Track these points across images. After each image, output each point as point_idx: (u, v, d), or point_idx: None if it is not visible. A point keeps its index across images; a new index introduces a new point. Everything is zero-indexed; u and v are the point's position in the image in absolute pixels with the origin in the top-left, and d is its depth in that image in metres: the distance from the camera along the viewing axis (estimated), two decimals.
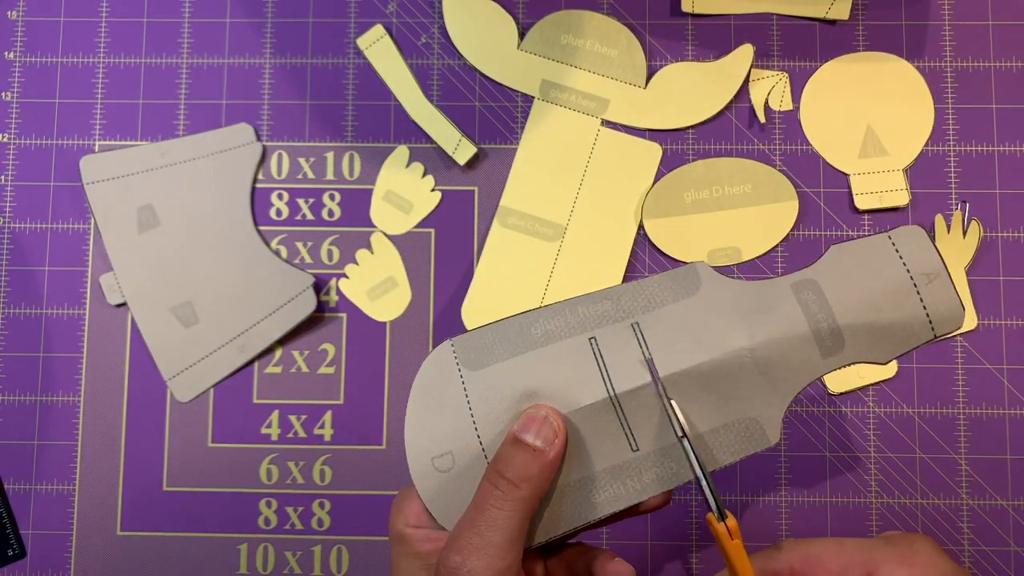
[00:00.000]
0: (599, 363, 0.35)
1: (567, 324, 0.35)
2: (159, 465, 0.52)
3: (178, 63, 0.54)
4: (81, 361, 0.52)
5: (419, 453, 0.35)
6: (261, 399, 0.52)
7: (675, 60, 0.53)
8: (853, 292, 0.35)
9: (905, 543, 0.34)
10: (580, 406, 0.35)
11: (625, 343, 0.35)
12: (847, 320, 0.34)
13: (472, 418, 0.35)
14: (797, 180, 0.52)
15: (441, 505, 0.35)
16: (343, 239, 0.53)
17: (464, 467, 0.35)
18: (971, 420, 0.50)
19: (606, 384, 0.35)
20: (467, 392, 0.35)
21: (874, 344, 0.35)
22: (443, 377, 0.35)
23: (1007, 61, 0.53)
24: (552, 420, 0.34)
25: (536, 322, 0.36)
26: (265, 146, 0.54)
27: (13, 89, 0.54)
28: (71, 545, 0.51)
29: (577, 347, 0.35)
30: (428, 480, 0.35)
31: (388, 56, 0.54)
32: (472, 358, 0.35)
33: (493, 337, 0.35)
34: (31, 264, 0.53)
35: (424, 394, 0.35)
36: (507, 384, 0.35)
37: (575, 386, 0.35)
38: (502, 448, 0.34)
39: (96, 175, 0.53)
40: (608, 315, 0.35)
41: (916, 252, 0.34)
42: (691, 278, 0.36)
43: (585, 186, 0.52)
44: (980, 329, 0.51)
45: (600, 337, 0.35)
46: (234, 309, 0.52)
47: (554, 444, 0.33)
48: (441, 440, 0.35)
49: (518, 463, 0.33)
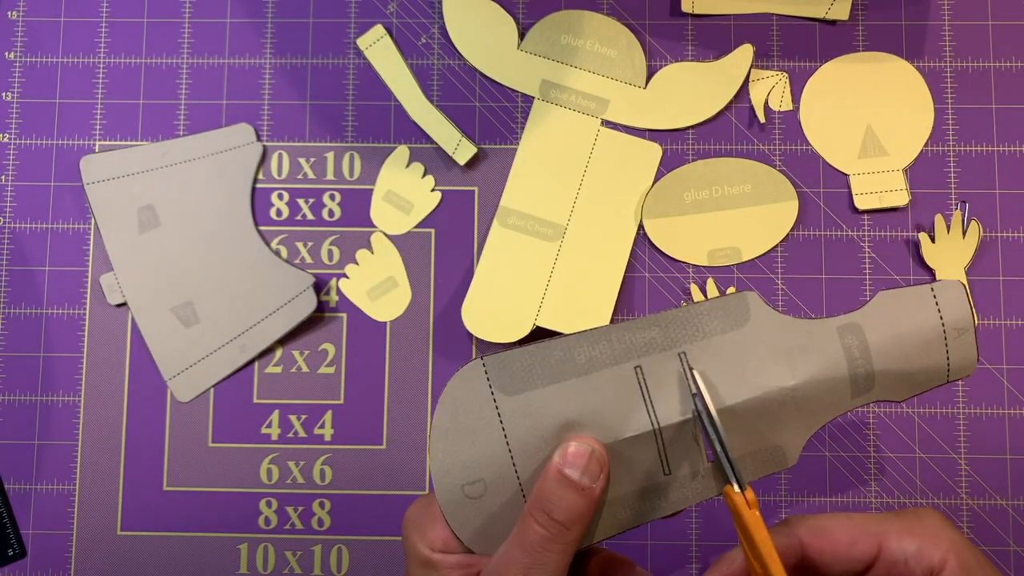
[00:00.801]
0: (644, 393, 0.34)
1: (612, 351, 0.34)
2: (159, 465, 0.52)
3: (178, 63, 0.54)
4: (81, 361, 0.52)
5: (449, 480, 0.34)
6: (261, 399, 0.52)
7: (675, 60, 0.53)
8: (893, 340, 0.36)
9: (914, 515, 0.34)
10: (623, 437, 0.34)
11: (671, 373, 0.35)
12: (882, 366, 0.36)
13: (508, 445, 0.34)
14: (797, 180, 0.52)
15: (474, 532, 0.34)
16: (343, 239, 0.53)
17: (497, 494, 0.34)
18: (971, 420, 0.50)
19: (650, 415, 0.34)
20: (501, 417, 0.34)
21: (897, 387, 0.36)
22: (475, 399, 0.34)
23: (1007, 61, 0.53)
24: (598, 455, 0.33)
25: (579, 348, 0.34)
26: (265, 146, 0.54)
27: (13, 89, 0.54)
28: (71, 545, 0.51)
29: (622, 376, 0.34)
30: (458, 507, 0.34)
31: (388, 56, 0.54)
32: (507, 382, 0.34)
33: (532, 361, 0.34)
34: (31, 264, 0.53)
35: (453, 416, 0.34)
36: (547, 412, 0.34)
37: (619, 416, 0.34)
38: (546, 484, 0.32)
39: (96, 175, 0.53)
40: (655, 343, 0.35)
41: (953, 306, 0.36)
42: (741, 309, 0.35)
43: (585, 186, 0.52)
44: (980, 329, 0.51)
45: (646, 366, 0.34)
46: (234, 309, 0.52)
47: (599, 480, 0.33)
48: (473, 467, 0.34)
49: (567, 504, 0.32)
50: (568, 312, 0.51)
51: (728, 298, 0.35)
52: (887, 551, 0.32)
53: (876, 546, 0.33)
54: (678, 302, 0.52)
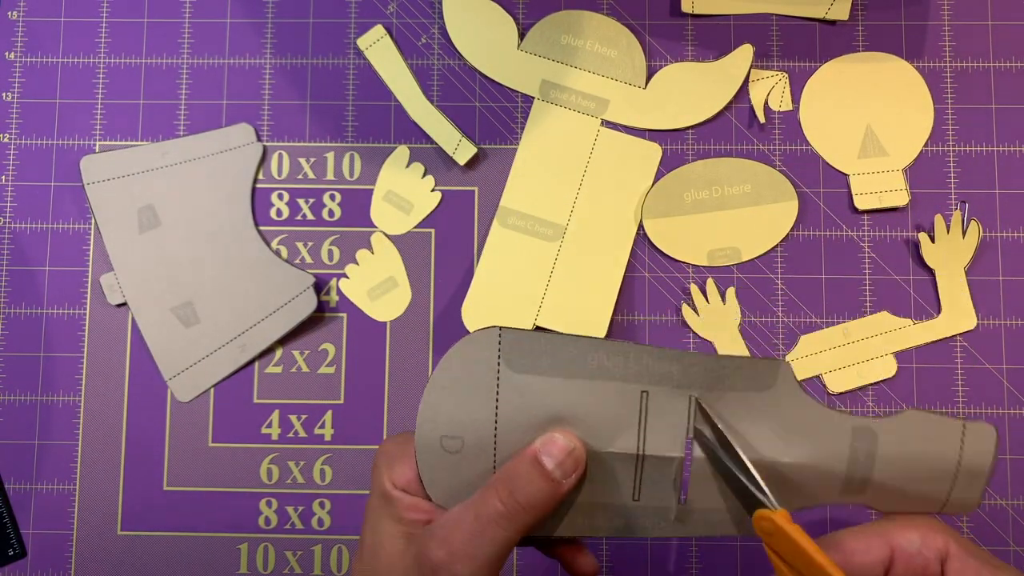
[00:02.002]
0: (641, 418, 0.35)
1: (626, 368, 0.34)
2: (159, 465, 0.52)
3: (178, 63, 0.54)
4: (81, 361, 0.52)
5: (431, 427, 0.34)
6: (261, 399, 0.52)
7: (675, 60, 0.53)
8: (903, 458, 0.36)
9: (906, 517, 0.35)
10: (605, 451, 0.35)
11: (675, 411, 0.35)
12: (882, 478, 0.36)
13: (496, 417, 0.34)
14: (797, 180, 0.52)
15: (438, 483, 0.35)
16: (343, 239, 0.53)
17: (470, 457, 0.34)
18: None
19: (639, 440, 0.35)
20: (499, 389, 0.34)
21: (888, 500, 0.36)
22: (480, 363, 0.34)
23: (1007, 61, 0.53)
24: (577, 454, 0.33)
25: (595, 352, 0.34)
26: (265, 146, 0.54)
27: (14, 89, 0.54)
28: (71, 545, 0.51)
29: (626, 394, 0.34)
30: (431, 454, 0.34)
31: (388, 56, 0.54)
32: (515, 359, 0.34)
33: (544, 348, 0.34)
34: (31, 264, 0.53)
35: (454, 372, 0.34)
36: (542, 400, 0.34)
37: (608, 430, 0.35)
38: (519, 465, 0.33)
39: (96, 175, 0.53)
40: (671, 378, 0.35)
41: (978, 453, 0.35)
42: (770, 375, 0.35)
43: (585, 186, 0.52)
44: (980, 329, 0.51)
45: (653, 395, 0.35)
46: (234, 309, 0.52)
47: (571, 478, 0.33)
48: (457, 424, 0.34)
49: (533, 489, 0.33)
50: (568, 312, 0.51)
51: (761, 361, 0.35)
52: (898, 547, 0.33)
53: (887, 545, 0.33)
54: (678, 302, 0.52)
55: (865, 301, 0.51)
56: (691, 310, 0.51)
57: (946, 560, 0.33)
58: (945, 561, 0.33)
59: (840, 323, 0.51)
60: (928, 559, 0.33)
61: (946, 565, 0.33)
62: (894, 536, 0.33)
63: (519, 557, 0.51)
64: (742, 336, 0.51)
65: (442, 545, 0.32)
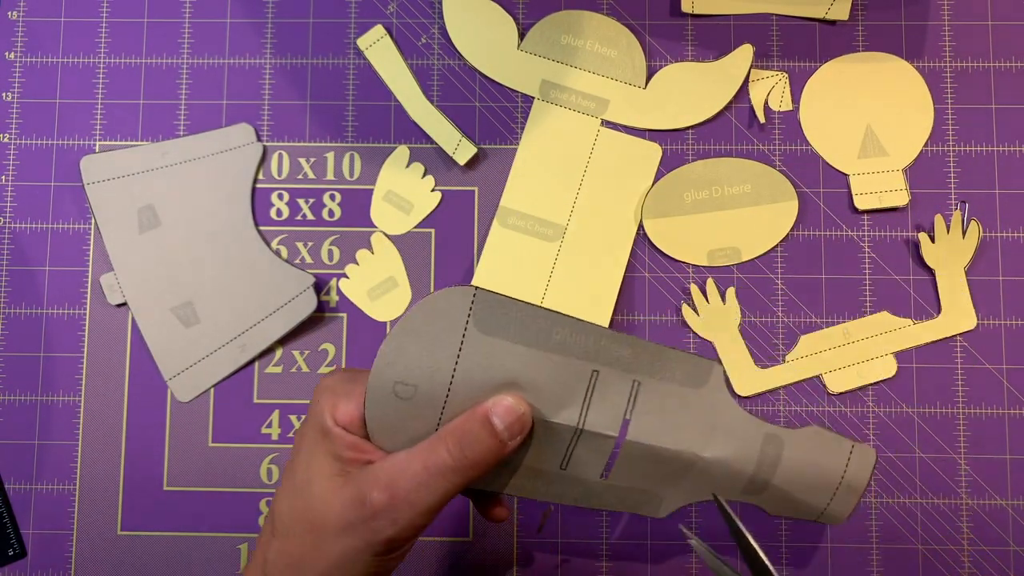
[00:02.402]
0: (587, 395, 0.37)
1: (584, 347, 0.36)
2: (159, 465, 0.52)
3: (178, 63, 0.54)
4: (81, 361, 0.52)
5: (388, 371, 0.35)
6: (261, 399, 0.52)
7: (675, 60, 0.53)
8: (799, 467, 0.40)
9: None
10: (548, 420, 0.36)
11: (618, 393, 0.37)
12: (779, 483, 0.40)
13: (453, 372, 0.35)
14: (797, 180, 0.52)
15: (383, 427, 0.35)
16: (343, 239, 0.53)
17: (419, 407, 0.35)
18: (971, 420, 0.50)
19: (580, 416, 0.37)
20: (462, 346, 0.35)
21: (778, 504, 0.41)
22: (449, 318, 0.35)
23: (1007, 61, 0.53)
24: (524, 419, 0.35)
25: (561, 328, 0.36)
26: (265, 146, 0.54)
27: (13, 89, 0.54)
28: (71, 545, 0.51)
29: (579, 371, 0.36)
30: (382, 397, 0.35)
31: (388, 56, 0.54)
32: (485, 320, 0.35)
33: (515, 315, 0.35)
34: (31, 264, 0.53)
35: (423, 320, 0.35)
36: (501, 364, 0.35)
37: (555, 401, 0.36)
38: (470, 422, 0.34)
39: (96, 175, 0.53)
40: (621, 361, 0.37)
41: (858, 470, 0.41)
42: (703, 374, 0.38)
43: (585, 186, 0.52)
44: (980, 329, 0.51)
45: (603, 375, 0.37)
46: (234, 309, 0.52)
47: (515, 440, 0.35)
48: (413, 371, 0.35)
49: (481, 447, 0.34)
50: (568, 312, 0.51)
51: (698, 359, 0.38)
52: None
53: None
54: (678, 302, 0.52)
55: (865, 301, 0.51)
56: (691, 310, 0.51)
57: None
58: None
59: (840, 323, 0.51)
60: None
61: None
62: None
63: (519, 558, 0.51)
64: (742, 336, 0.51)
65: (385, 490, 0.33)
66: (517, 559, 0.51)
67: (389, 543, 0.33)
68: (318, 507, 0.34)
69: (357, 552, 0.33)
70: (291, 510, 0.35)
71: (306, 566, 0.34)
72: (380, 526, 0.33)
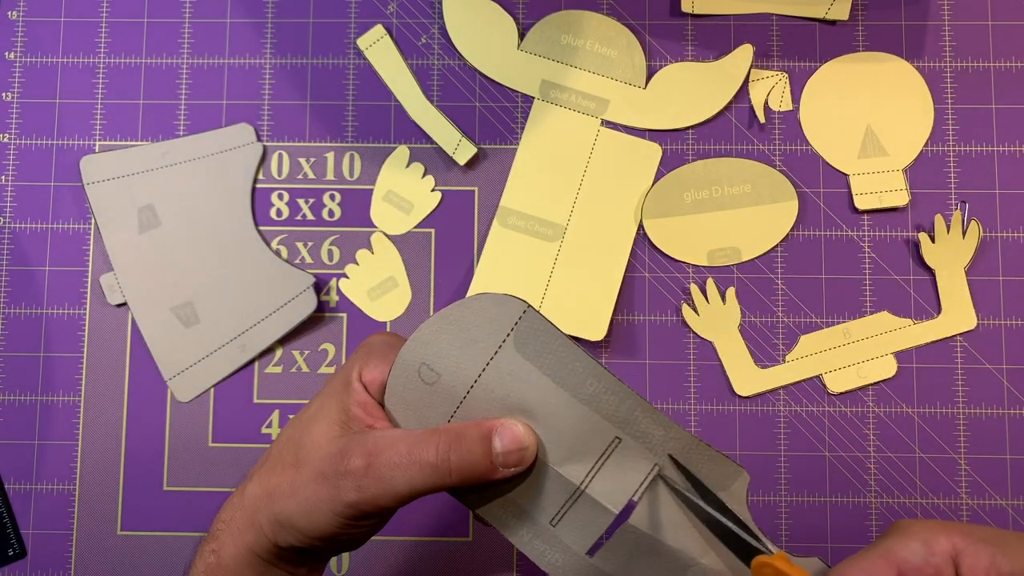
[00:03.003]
0: (600, 459, 0.35)
1: (615, 409, 0.34)
2: (159, 465, 0.52)
3: (178, 63, 0.54)
4: (81, 361, 0.52)
5: (420, 351, 0.35)
6: (261, 399, 0.52)
7: (675, 60, 0.53)
8: None
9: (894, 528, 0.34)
10: (551, 467, 0.35)
11: (634, 470, 0.35)
12: None
13: (478, 376, 0.34)
14: (797, 180, 0.52)
15: (395, 397, 0.35)
16: (343, 239, 0.53)
17: (435, 396, 0.35)
18: (971, 420, 0.50)
19: (587, 477, 0.35)
20: (494, 357, 0.34)
21: None
22: (493, 325, 0.34)
23: (1007, 61, 0.53)
24: (526, 455, 0.34)
25: (596, 380, 0.34)
26: (265, 146, 0.54)
27: (13, 89, 0.54)
28: (71, 545, 0.51)
29: (601, 430, 0.35)
30: (406, 374, 0.35)
31: (388, 56, 0.54)
32: (524, 342, 0.34)
33: (555, 349, 0.34)
34: (31, 264, 0.53)
35: (468, 316, 0.34)
36: (525, 391, 0.34)
37: (566, 451, 0.35)
38: (471, 430, 0.34)
39: (96, 175, 0.53)
40: (649, 439, 0.35)
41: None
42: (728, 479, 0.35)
43: (585, 186, 0.52)
44: (980, 329, 0.51)
45: (624, 445, 0.35)
46: (234, 309, 0.52)
47: (508, 470, 0.34)
48: (442, 359, 0.35)
49: (470, 460, 0.33)
50: (568, 312, 0.51)
51: (728, 462, 0.35)
52: (904, 562, 0.32)
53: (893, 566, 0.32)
54: (678, 302, 0.52)
55: (865, 301, 0.51)
56: (691, 310, 0.51)
57: (957, 557, 0.32)
58: (957, 559, 0.32)
59: (840, 323, 0.51)
60: (938, 565, 0.32)
61: (959, 562, 0.32)
62: (897, 552, 0.32)
63: (520, 558, 0.51)
64: (742, 336, 0.51)
65: (366, 456, 0.33)
66: (517, 559, 0.51)
67: (350, 507, 0.33)
68: (308, 446, 0.35)
69: (322, 503, 0.33)
70: (287, 441, 0.36)
71: (278, 498, 0.34)
72: (346, 487, 0.33)
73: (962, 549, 0.32)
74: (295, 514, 0.34)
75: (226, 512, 0.37)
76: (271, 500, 0.35)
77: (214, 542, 0.37)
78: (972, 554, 0.31)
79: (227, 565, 0.36)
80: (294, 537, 0.34)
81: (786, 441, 0.51)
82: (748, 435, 0.51)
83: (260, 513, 0.35)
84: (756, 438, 0.51)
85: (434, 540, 0.51)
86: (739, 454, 0.51)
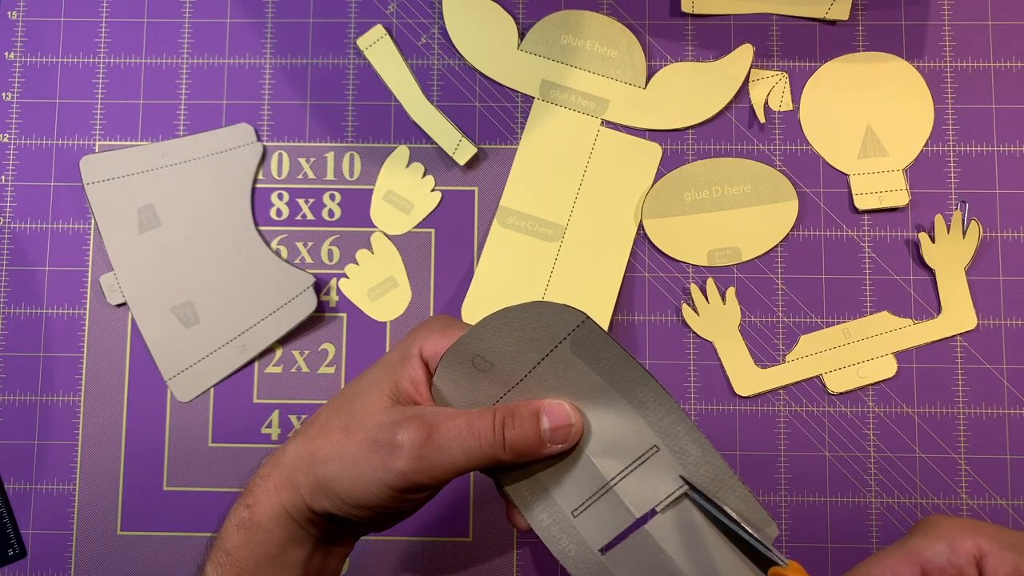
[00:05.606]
0: (635, 462, 0.36)
1: (659, 419, 0.35)
2: (159, 465, 0.52)
3: (178, 63, 0.54)
4: (81, 361, 0.52)
5: (476, 341, 0.36)
6: (261, 399, 0.52)
7: (675, 60, 0.53)
8: None
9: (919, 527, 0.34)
10: (587, 455, 0.36)
11: (663, 482, 0.36)
12: None
13: (532, 369, 0.36)
14: (797, 180, 0.52)
15: (446, 380, 0.36)
16: (343, 239, 0.53)
17: (490, 382, 0.36)
18: (971, 420, 0.50)
19: (617, 476, 0.36)
20: (548, 356, 0.36)
21: None
22: (549, 331, 0.35)
23: (1007, 61, 0.53)
24: (572, 435, 0.35)
25: (645, 390, 0.35)
26: (265, 146, 0.54)
27: (13, 89, 0.54)
28: (71, 545, 0.51)
29: (642, 434, 0.36)
30: (460, 361, 0.36)
31: (388, 56, 0.54)
32: (580, 346, 0.35)
33: (609, 356, 0.35)
34: (31, 264, 0.53)
35: (526, 321, 0.35)
36: (577, 383, 0.36)
37: (604, 444, 0.36)
38: (523, 407, 0.35)
39: (96, 175, 0.53)
40: (685, 456, 0.35)
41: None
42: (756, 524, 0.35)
43: (585, 186, 0.52)
44: (980, 329, 0.51)
45: (660, 455, 0.36)
46: (234, 309, 0.52)
47: (555, 447, 0.35)
48: (497, 354, 0.36)
49: (523, 435, 0.34)
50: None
51: (758, 507, 0.35)
52: (928, 562, 0.32)
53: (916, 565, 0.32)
54: (678, 302, 0.52)
55: (865, 301, 0.51)
56: (691, 310, 0.51)
57: (982, 560, 0.32)
58: (981, 561, 0.32)
59: (840, 323, 0.51)
60: (961, 566, 0.32)
61: (982, 565, 0.32)
62: (922, 552, 0.32)
63: (520, 558, 0.51)
64: (742, 336, 0.51)
65: (425, 427, 0.34)
66: (517, 559, 0.51)
67: (400, 476, 0.33)
68: (360, 414, 0.35)
69: (372, 469, 0.34)
70: (335, 409, 0.36)
71: (323, 460, 0.35)
72: (403, 456, 0.33)
73: (987, 552, 0.32)
74: (339, 477, 0.34)
75: (264, 468, 0.37)
76: (314, 461, 0.35)
77: (249, 497, 0.37)
78: (996, 558, 0.31)
79: (260, 521, 0.36)
80: (330, 502, 0.35)
81: (786, 441, 0.51)
82: (748, 435, 0.51)
83: (300, 472, 0.35)
84: (756, 438, 0.51)
85: (434, 540, 0.51)
86: (739, 454, 0.51)
